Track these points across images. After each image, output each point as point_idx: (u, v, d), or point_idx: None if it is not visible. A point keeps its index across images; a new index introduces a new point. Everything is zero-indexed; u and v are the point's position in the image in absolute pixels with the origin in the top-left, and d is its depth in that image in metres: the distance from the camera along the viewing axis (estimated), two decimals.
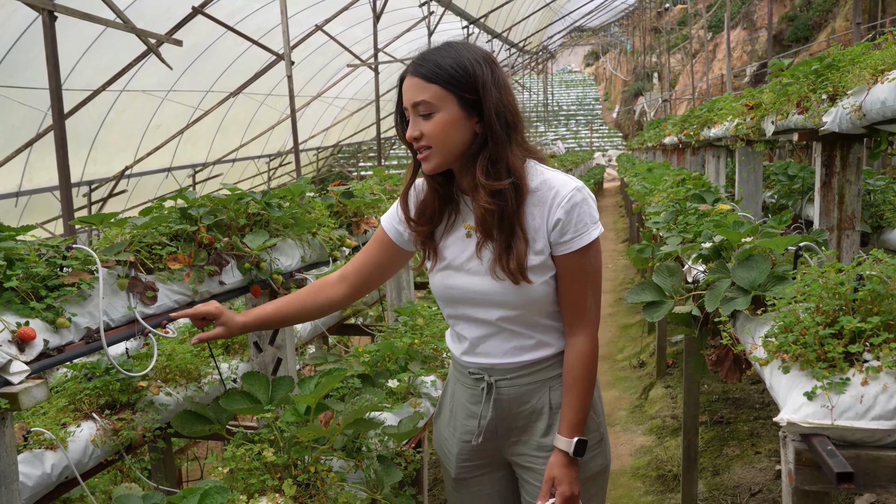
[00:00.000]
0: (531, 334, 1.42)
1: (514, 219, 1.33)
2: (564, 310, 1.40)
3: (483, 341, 1.45)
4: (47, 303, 1.35)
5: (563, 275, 1.37)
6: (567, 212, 1.32)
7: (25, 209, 7.50)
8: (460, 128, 1.31)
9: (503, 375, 1.45)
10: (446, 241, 1.44)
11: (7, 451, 1.25)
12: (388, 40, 11.76)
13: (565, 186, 1.34)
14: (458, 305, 1.45)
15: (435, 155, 1.32)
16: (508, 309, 1.39)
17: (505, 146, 1.32)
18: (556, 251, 1.35)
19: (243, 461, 1.57)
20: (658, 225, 2.57)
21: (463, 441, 1.54)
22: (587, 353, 1.40)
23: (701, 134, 5.25)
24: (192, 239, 1.79)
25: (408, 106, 1.33)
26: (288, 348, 2.26)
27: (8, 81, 6.23)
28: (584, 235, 1.34)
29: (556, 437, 1.41)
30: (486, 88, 1.31)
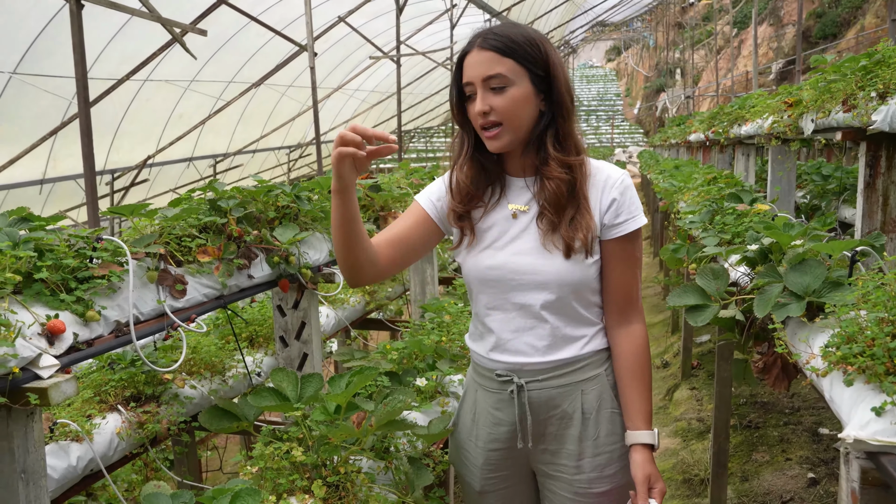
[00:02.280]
0: (563, 329, 1.38)
1: (581, 193, 1.34)
2: (615, 298, 1.38)
3: (516, 336, 1.39)
4: (77, 295, 1.32)
5: (613, 261, 1.36)
6: (621, 192, 1.34)
7: (50, 196, 7.55)
8: (530, 104, 1.31)
9: (533, 377, 1.39)
10: (486, 222, 1.41)
11: (35, 447, 1.22)
12: (409, 33, 11.69)
13: (615, 171, 1.38)
14: (495, 289, 1.39)
15: (506, 132, 1.31)
16: (551, 291, 1.34)
17: (571, 123, 1.35)
18: (609, 234, 1.35)
19: (272, 460, 1.53)
20: (693, 225, 2.50)
21: (489, 450, 1.48)
22: (645, 339, 1.40)
23: (730, 131, 5.14)
24: (221, 231, 1.76)
25: (475, 80, 1.30)
26: (314, 343, 2.22)
27: (34, 69, 6.25)
28: (636, 218, 1.35)
29: (631, 433, 1.37)
30: (555, 66, 1.32)
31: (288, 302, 2.19)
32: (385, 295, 3.57)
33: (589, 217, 1.33)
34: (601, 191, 1.35)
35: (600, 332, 1.42)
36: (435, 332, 2.43)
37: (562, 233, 1.33)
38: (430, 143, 19.92)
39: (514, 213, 1.39)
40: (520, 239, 1.37)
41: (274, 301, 2.21)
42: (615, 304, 1.38)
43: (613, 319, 1.40)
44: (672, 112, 24.42)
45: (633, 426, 1.38)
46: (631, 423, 1.38)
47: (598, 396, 1.40)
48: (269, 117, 11.39)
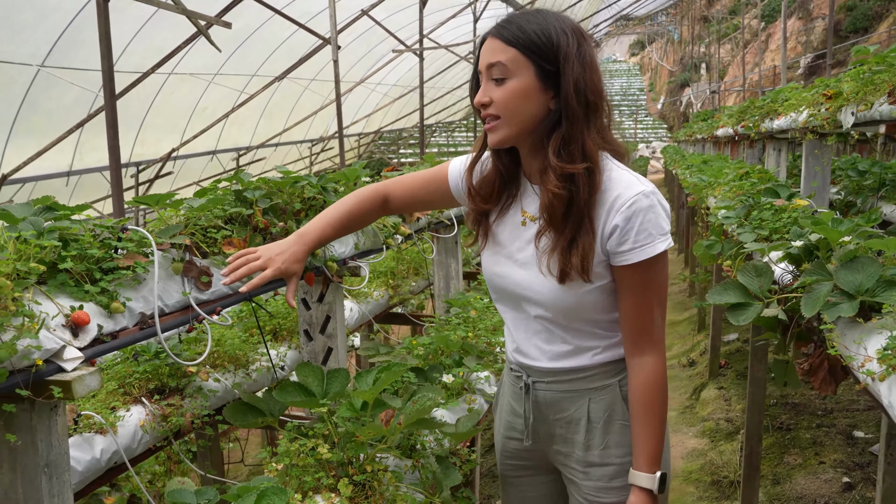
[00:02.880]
0: (570, 340, 1.31)
1: (585, 210, 1.20)
2: (627, 327, 1.27)
3: (523, 338, 1.37)
4: (102, 286, 1.29)
5: (622, 288, 1.25)
6: (627, 218, 1.18)
7: (76, 188, 7.63)
8: (533, 99, 1.20)
9: (540, 378, 1.36)
10: (499, 225, 1.35)
11: (59, 440, 1.20)
12: (432, 26, 11.63)
13: (629, 189, 1.19)
14: (502, 294, 1.38)
15: (503, 126, 1.22)
16: (547, 310, 1.29)
17: (581, 127, 1.20)
18: (613, 261, 1.23)
19: (297, 457, 1.50)
20: (729, 220, 2.42)
21: (505, 437, 1.47)
22: (658, 375, 1.26)
23: (761, 126, 5.02)
24: (246, 223, 1.73)
25: (481, 68, 1.23)
26: (339, 337, 2.19)
27: (61, 62, 6.30)
28: (645, 248, 1.19)
29: (632, 472, 1.28)
30: (567, 60, 1.18)
31: (313, 295, 2.16)
32: (409, 289, 3.53)
33: (590, 239, 1.20)
34: (606, 212, 1.20)
35: (616, 345, 1.32)
36: (461, 327, 2.38)
37: (557, 256, 1.22)
38: (451, 138, 19.85)
39: (524, 220, 1.31)
40: (525, 250, 1.30)
41: (299, 294, 2.18)
42: (627, 333, 1.27)
43: (627, 348, 1.29)
44: (697, 107, 24.08)
45: (635, 464, 1.28)
46: (634, 461, 1.28)
47: (608, 406, 1.32)
48: (291, 111, 11.41)
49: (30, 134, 6.34)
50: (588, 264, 1.21)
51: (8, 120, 6.18)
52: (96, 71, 6.57)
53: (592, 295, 1.25)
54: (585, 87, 1.19)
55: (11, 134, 6.28)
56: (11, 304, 1.09)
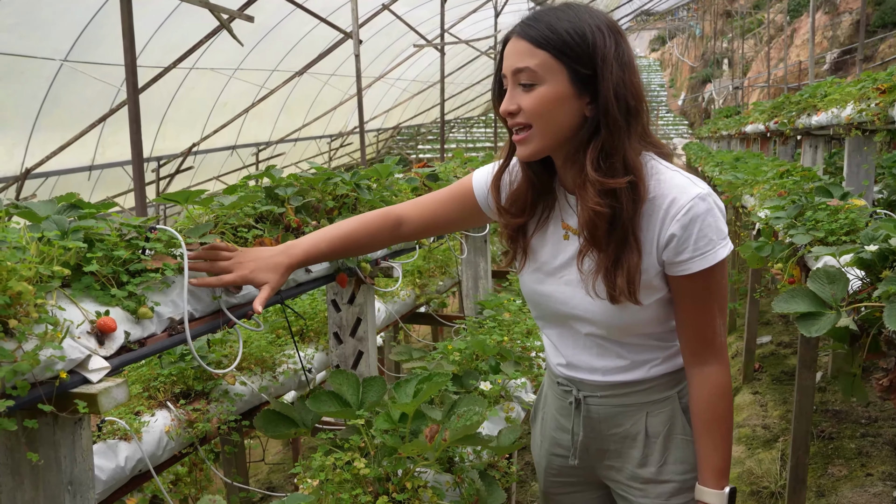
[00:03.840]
0: (625, 354, 1.22)
1: (629, 226, 1.08)
2: (687, 337, 1.18)
3: (572, 353, 1.27)
4: (129, 290, 1.20)
5: (680, 298, 1.15)
6: (685, 226, 1.07)
7: (98, 183, 7.62)
8: (567, 107, 1.07)
9: (592, 392, 1.26)
10: (538, 240, 1.23)
11: (83, 456, 1.12)
12: (453, 21, 11.52)
13: (685, 193, 1.08)
14: (546, 313, 1.27)
15: (534, 137, 1.09)
16: (600, 328, 1.20)
17: (623, 136, 1.07)
18: (671, 272, 1.12)
19: (332, 471, 1.41)
20: (779, 221, 2.30)
21: (551, 454, 1.37)
22: (723, 385, 1.18)
23: (797, 122, 4.86)
24: (278, 221, 1.64)
25: (507, 73, 1.10)
26: (370, 340, 2.10)
27: (84, 57, 6.28)
28: (706, 256, 1.08)
29: (699, 488, 1.19)
30: (605, 63, 1.05)
31: (343, 296, 2.07)
32: (436, 289, 3.44)
33: (636, 258, 1.09)
34: (660, 221, 1.09)
35: (674, 355, 1.23)
36: (496, 330, 2.28)
37: (602, 278, 1.12)
38: (470, 133, 19.73)
39: (566, 234, 1.20)
40: (569, 267, 1.19)
41: (328, 295, 2.09)
42: (688, 343, 1.18)
43: (687, 358, 1.20)
44: (718, 103, 23.74)
45: (701, 480, 1.19)
46: (700, 476, 1.20)
47: (668, 420, 1.24)
48: (311, 106, 11.36)
49: (53, 128, 6.32)
50: (634, 287, 1.10)
51: (31, 114, 6.16)
52: (118, 66, 6.54)
53: (649, 310, 1.16)
54: (626, 91, 1.07)
55: (35, 128, 6.27)
56: (34, 311, 1.01)
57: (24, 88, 5.97)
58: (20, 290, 0.96)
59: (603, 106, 1.06)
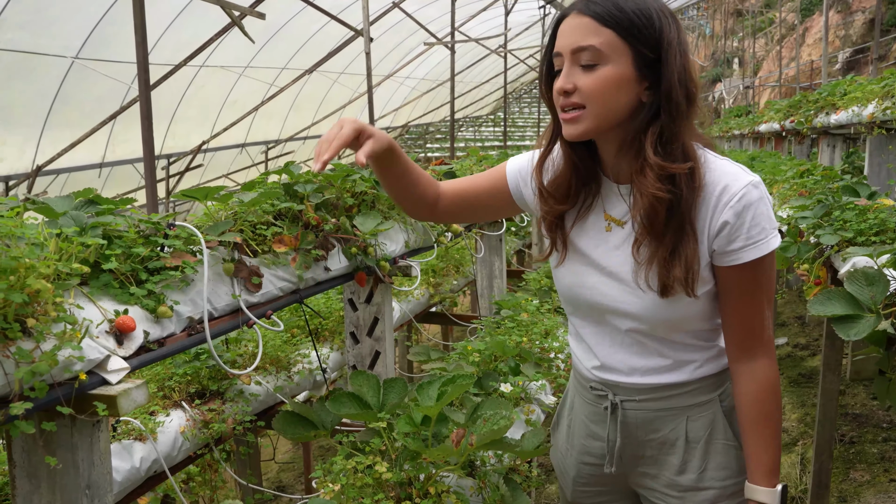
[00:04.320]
0: (667, 353, 1.17)
1: (687, 214, 1.05)
2: (735, 331, 1.13)
3: (608, 353, 1.21)
4: (148, 288, 1.17)
5: (730, 290, 1.11)
6: (738, 213, 1.04)
7: (108, 180, 7.62)
8: (626, 91, 1.04)
9: (630, 396, 1.20)
10: (579, 231, 1.19)
11: (101, 459, 1.08)
12: (463, 19, 11.47)
13: (737, 180, 1.05)
14: (582, 307, 1.21)
15: (587, 118, 1.05)
16: (643, 324, 1.15)
17: (682, 122, 1.05)
18: (720, 262, 1.09)
19: (353, 475, 1.37)
20: (806, 220, 2.25)
21: (581, 463, 1.31)
22: (772, 379, 1.14)
23: (815, 120, 4.79)
24: (297, 219, 1.60)
25: (564, 51, 1.05)
26: (387, 341, 2.06)
27: (95, 55, 6.26)
28: (759, 245, 1.06)
29: (749, 486, 1.15)
30: (671, 48, 1.03)
31: (360, 296, 2.03)
32: (450, 288, 3.40)
33: (694, 246, 1.06)
34: (712, 209, 1.06)
35: (717, 355, 1.19)
36: (514, 331, 2.24)
37: (657, 269, 1.08)
38: (478, 132, 19.68)
39: (609, 224, 1.15)
40: (612, 258, 1.15)
41: (345, 294, 2.06)
42: (734, 337, 1.14)
43: (733, 354, 1.16)
44: (729, 103, 23.58)
45: (752, 479, 1.15)
46: (750, 475, 1.15)
47: (709, 424, 1.19)
48: (320, 104, 11.34)
49: (63, 126, 6.32)
50: (693, 276, 1.07)
51: (42, 112, 6.16)
52: (128, 63, 6.53)
53: (697, 305, 1.12)
54: (686, 78, 1.04)
55: (46, 126, 6.26)
56: (52, 310, 0.98)
57: (36, 86, 5.96)
58: (39, 288, 0.93)
59: (666, 91, 1.04)
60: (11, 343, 0.92)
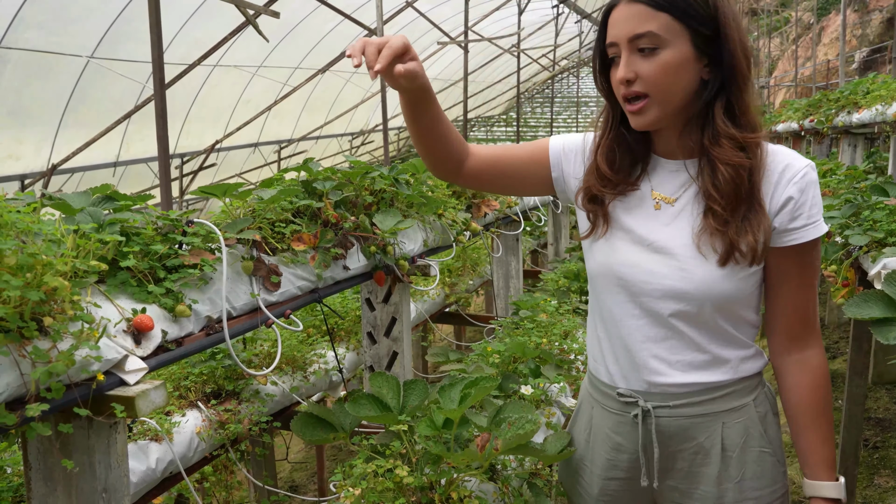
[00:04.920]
0: (706, 346, 1.11)
1: (758, 185, 1.06)
2: (786, 320, 1.11)
3: (639, 349, 1.14)
4: (166, 286, 1.15)
5: (785, 274, 1.09)
6: (802, 190, 1.06)
7: (122, 179, 7.65)
8: (688, 72, 1.04)
9: (663, 401, 1.13)
10: (621, 208, 1.16)
11: (118, 462, 1.06)
12: (476, 19, 11.43)
13: (797, 159, 1.08)
14: (625, 290, 1.14)
15: (653, 106, 1.05)
16: (689, 303, 1.09)
17: (749, 93, 1.06)
18: (780, 241, 1.08)
19: (373, 479, 1.34)
20: (833, 221, 2.19)
21: (606, 478, 1.23)
22: (825, 368, 1.12)
23: (836, 120, 4.71)
24: (316, 216, 1.57)
25: (620, 40, 1.04)
26: (405, 341, 2.03)
27: (110, 54, 6.28)
28: (818, 225, 1.07)
29: (811, 484, 1.10)
30: (728, 22, 1.03)
31: (378, 295, 2.00)
32: (465, 287, 3.36)
33: (763, 215, 1.06)
34: (775, 184, 1.06)
35: (753, 356, 1.14)
36: (534, 332, 2.20)
37: (729, 234, 1.06)
38: (490, 132, 19.64)
39: (658, 203, 1.13)
40: (662, 234, 1.11)
41: (362, 294, 2.03)
42: (786, 327, 1.11)
43: (782, 345, 1.12)
44: None
45: (812, 475, 1.11)
46: (810, 471, 1.11)
47: (744, 431, 1.13)
48: (332, 104, 11.34)
49: (79, 125, 6.34)
50: (762, 246, 1.06)
51: (59, 111, 6.18)
52: (143, 62, 6.55)
53: (750, 282, 1.09)
54: (744, 49, 1.05)
55: (61, 125, 6.29)
56: (69, 308, 0.95)
57: (52, 85, 5.98)
58: (56, 285, 0.90)
59: (730, 64, 1.03)
60: (28, 342, 0.89)
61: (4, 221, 0.90)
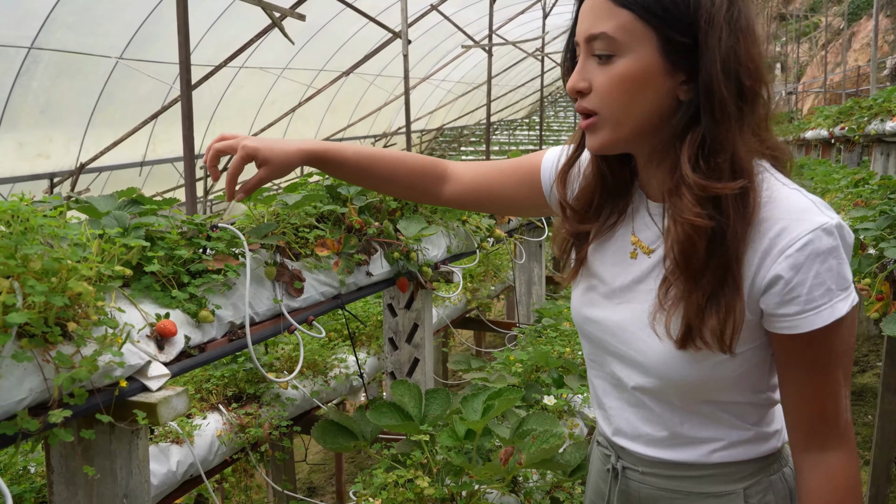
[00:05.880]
0: (677, 425, 0.91)
1: (733, 251, 0.80)
2: (799, 413, 0.86)
3: (615, 407, 0.97)
4: (190, 291, 1.14)
5: (788, 364, 0.84)
6: (796, 267, 0.77)
7: (148, 178, 7.75)
8: (653, 87, 0.80)
9: (633, 465, 0.96)
10: (597, 252, 0.95)
11: (140, 467, 1.05)
12: (501, 22, 11.41)
13: (802, 220, 0.78)
14: (593, 345, 0.97)
15: (604, 125, 0.83)
16: (650, 379, 0.89)
17: (732, 127, 0.79)
18: (771, 325, 0.82)
19: (393, 489, 1.32)
20: (868, 233, 2.14)
21: None
22: (851, 479, 0.85)
23: (868, 127, 4.61)
24: (339, 222, 1.56)
25: (579, 39, 0.84)
26: (426, 348, 2.01)
27: (138, 55, 6.37)
28: (820, 312, 0.78)
29: None
30: (711, 25, 0.77)
31: (400, 301, 1.99)
32: (487, 293, 3.34)
33: (737, 296, 0.81)
34: (761, 255, 0.80)
35: (754, 440, 0.91)
36: (557, 341, 2.17)
37: (684, 313, 0.82)
38: (513, 136, 19.60)
39: (634, 250, 0.91)
40: (631, 292, 0.90)
41: (384, 299, 2.01)
42: (798, 421, 0.86)
43: (798, 440, 0.87)
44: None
45: None
46: None
47: None
48: (356, 106, 11.39)
49: (107, 124, 6.43)
50: (731, 332, 0.81)
51: (87, 111, 6.28)
52: (170, 63, 6.62)
53: (726, 368, 0.84)
54: (739, 65, 0.78)
55: (90, 124, 6.38)
56: (93, 313, 0.94)
57: (82, 85, 6.08)
58: (80, 290, 0.90)
59: (706, 85, 0.78)
60: (52, 347, 0.89)
61: (31, 226, 0.89)
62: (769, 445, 0.91)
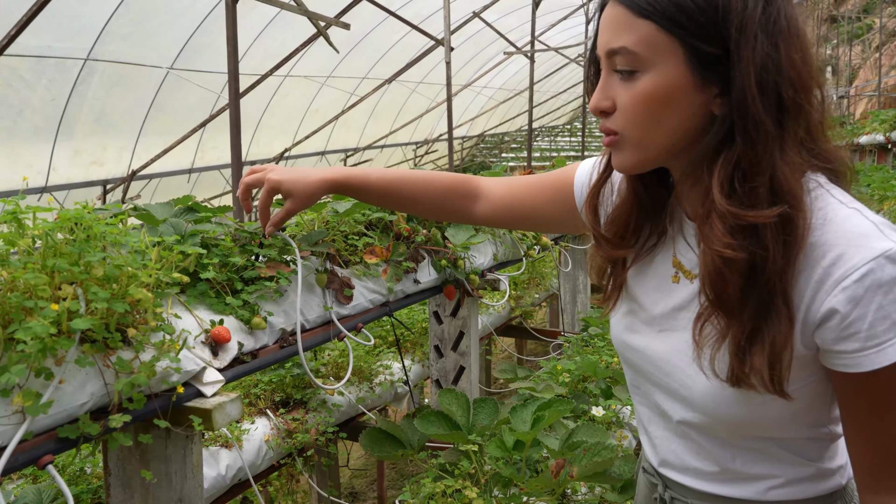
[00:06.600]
0: (729, 462, 0.84)
1: (777, 284, 0.71)
2: (861, 452, 0.77)
3: (662, 439, 0.90)
4: (243, 298, 1.15)
5: (849, 403, 0.76)
6: (855, 300, 0.68)
7: (196, 185, 7.94)
8: (681, 104, 0.73)
9: (682, 496, 0.90)
10: (637, 276, 0.88)
11: (194, 472, 1.06)
12: (543, 28, 11.37)
13: (862, 246, 0.68)
14: (635, 372, 0.91)
15: (627, 145, 0.76)
16: (698, 415, 0.81)
17: (771, 147, 0.70)
18: (828, 362, 0.73)
19: (441, 499, 1.31)
20: None
21: None
22: None
23: None
24: (388, 229, 1.56)
25: (600, 54, 0.77)
26: (472, 356, 2.00)
27: (188, 65, 6.54)
28: (886, 348, 0.68)
29: None
30: (744, 34, 0.69)
31: (446, 308, 1.98)
32: (531, 301, 3.31)
33: (787, 329, 0.71)
34: (815, 285, 0.71)
35: (816, 476, 0.83)
36: (604, 351, 2.14)
37: (729, 353, 0.74)
38: (554, 142, 19.48)
39: (676, 273, 0.83)
40: (673, 320, 0.83)
41: (430, 307, 2.01)
42: (862, 461, 0.78)
43: (863, 481, 0.78)
44: None
45: None
46: None
47: None
48: (398, 113, 11.48)
49: (157, 133, 6.62)
50: (780, 371, 0.72)
51: (139, 120, 6.47)
52: (219, 73, 6.78)
53: (779, 405, 0.76)
54: (778, 76, 0.70)
55: (141, 132, 6.58)
56: (151, 319, 0.96)
57: (134, 95, 6.27)
58: (140, 297, 0.91)
59: (739, 101, 0.70)
60: (112, 353, 0.90)
61: (94, 233, 0.91)
62: (832, 483, 0.84)
